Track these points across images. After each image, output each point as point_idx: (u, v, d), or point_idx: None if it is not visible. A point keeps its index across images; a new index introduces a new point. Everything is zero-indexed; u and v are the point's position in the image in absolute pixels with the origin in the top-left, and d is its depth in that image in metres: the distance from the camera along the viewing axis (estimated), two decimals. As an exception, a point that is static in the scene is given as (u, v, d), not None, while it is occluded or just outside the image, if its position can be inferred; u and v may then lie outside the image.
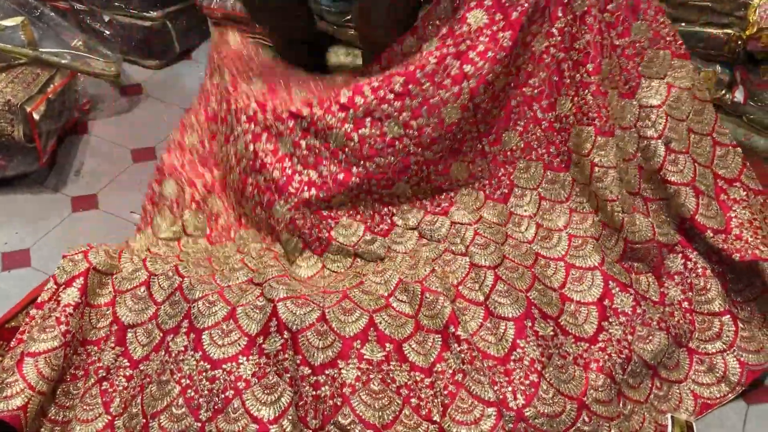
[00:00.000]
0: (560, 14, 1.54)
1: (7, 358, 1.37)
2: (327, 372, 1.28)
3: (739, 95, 1.79)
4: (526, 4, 1.49)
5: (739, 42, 1.74)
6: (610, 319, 1.42)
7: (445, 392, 1.28)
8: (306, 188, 1.55)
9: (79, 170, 2.01)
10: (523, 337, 1.35)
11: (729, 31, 1.74)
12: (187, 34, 2.51)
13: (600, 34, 1.54)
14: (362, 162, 1.53)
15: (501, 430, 1.23)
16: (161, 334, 1.37)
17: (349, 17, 1.94)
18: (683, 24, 1.78)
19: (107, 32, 2.35)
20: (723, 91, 1.78)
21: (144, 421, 1.26)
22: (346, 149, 1.54)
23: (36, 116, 1.86)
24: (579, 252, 1.51)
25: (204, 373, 1.28)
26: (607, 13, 1.57)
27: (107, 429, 1.30)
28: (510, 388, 1.29)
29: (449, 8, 1.59)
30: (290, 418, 1.23)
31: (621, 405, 1.34)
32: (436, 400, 1.28)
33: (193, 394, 1.27)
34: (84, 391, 1.34)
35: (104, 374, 1.36)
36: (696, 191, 1.54)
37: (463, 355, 1.31)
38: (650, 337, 1.42)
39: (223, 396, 1.25)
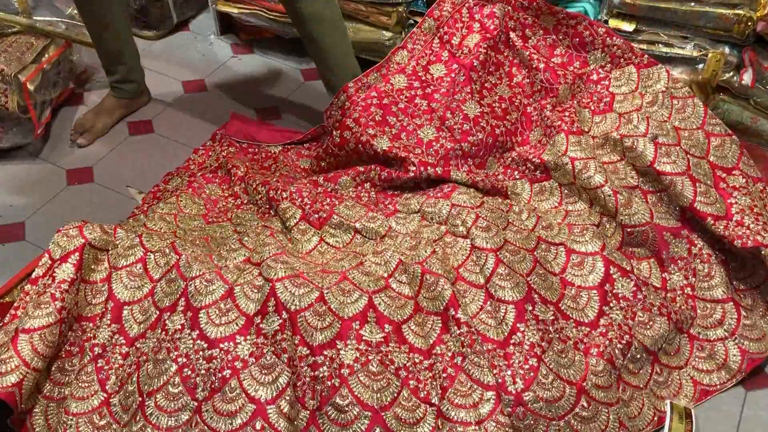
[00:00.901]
0: (515, 71, 1.82)
1: (1, 334, 1.35)
2: (325, 353, 1.27)
3: (747, 78, 1.76)
4: (478, 55, 1.74)
5: (749, 23, 1.71)
6: (611, 304, 1.41)
7: (444, 375, 1.27)
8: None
9: (74, 142, 1.98)
10: (523, 321, 1.34)
11: (739, 11, 1.71)
12: (185, 5, 2.46)
13: (552, 71, 1.81)
14: None
15: (500, 414, 1.23)
16: (157, 312, 1.36)
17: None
18: (692, 3, 1.75)
19: (103, 1, 2.30)
20: (731, 73, 1.75)
21: (140, 399, 1.25)
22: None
23: (30, 87, 1.83)
24: (579, 237, 1.49)
25: (201, 352, 1.27)
26: (555, 58, 1.83)
27: (103, 406, 1.29)
28: (509, 372, 1.28)
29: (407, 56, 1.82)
30: (288, 398, 1.22)
31: (620, 390, 1.33)
32: (434, 383, 1.27)
33: (189, 372, 1.26)
34: (79, 368, 1.33)
35: (100, 351, 1.34)
36: (692, 179, 1.52)
37: (462, 338, 1.30)
38: (651, 323, 1.41)
39: (220, 375, 1.24)
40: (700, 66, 1.82)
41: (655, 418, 1.34)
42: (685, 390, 1.41)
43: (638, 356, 1.38)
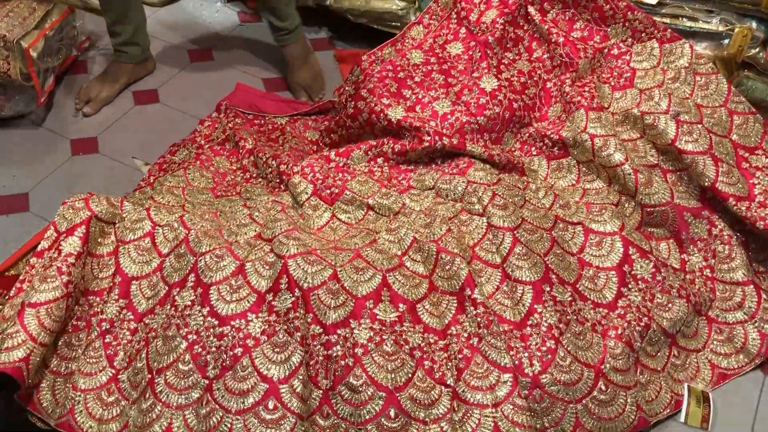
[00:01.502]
0: (535, 46, 1.76)
1: (6, 308, 1.32)
2: (339, 332, 1.24)
3: (773, 54, 1.71)
4: (494, 32, 1.71)
5: (778, -3, 1.65)
6: (630, 285, 1.38)
7: (460, 356, 1.25)
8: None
9: (79, 111, 1.94)
10: (541, 302, 1.31)
11: (768, -15, 1.65)
12: (192, -29, 2.39)
13: (571, 45, 1.75)
14: None
15: (517, 396, 1.20)
16: (166, 288, 1.33)
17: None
18: (719, -25, 1.69)
19: (107, -35, 2.23)
20: (757, 49, 1.70)
21: (149, 376, 1.23)
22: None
23: (33, 53, 1.77)
24: (598, 217, 1.45)
25: (212, 329, 1.24)
26: (575, 32, 1.78)
27: (111, 382, 1.27)
28: (526, 354, 1.25)
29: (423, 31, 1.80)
30: (301, 377, 1.19)
31: (638, 374, 1.31)
32: (450, 364, 1.25)
33: (200, 350, 1.23)
34: (87, 344, 1.30)
35: (108, 327, 1.32)
36: (714, 158, 1.48)
37: (479, 319, 1.27)
38: (670, 305, 1.38)
39: (231, 353, 1.21)
40: (725, 41, 1.76)
41: (673, 402, 1.32)
42: (703, 373, 1.38)
43: (656, 339, 1.35)
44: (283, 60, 2.05)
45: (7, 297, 1.36)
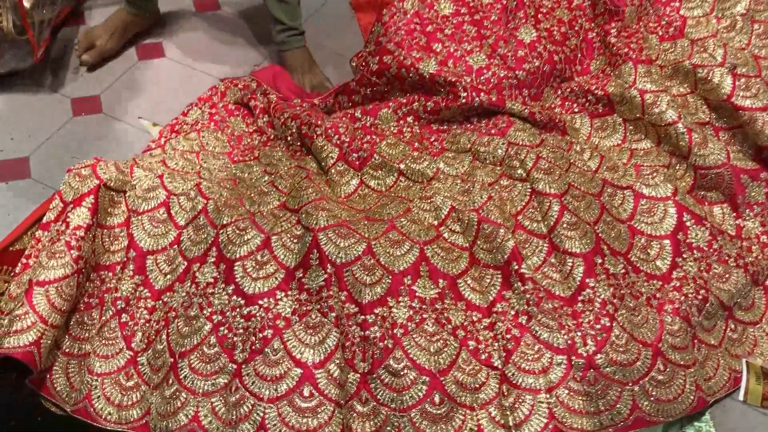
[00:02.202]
0: None
1: (13, 285, 1.23)
2: (376, 311, 1.14)
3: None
4: None
5: None
6: (684, 255, 1.28)
7: (508, 336, 1.15)
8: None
9: (78, 67, 1.79)
10: (593, 275, 1.21)
11: None
12: None
13: None
14: None
15: (572, 380, 1.11)
16: (185, 263, 1.22)
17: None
18: None
19: None
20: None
21: (172, 360, 1.14)
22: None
23: (26, 3, 1.63)
24: (649, 180, 1.34)
25: (238, 309, 1.14)
26: None
27: (130, 365, 1.18)
28: (579, 333, 1.15)
29: None
30: (337, 362, 1.10)
31: (695, 350, 1.22)
32: (496, 344, 1.15)
33: (226, 332, 1.14)
34: (101, 324, 1.21)
35: (123, 306, 1.22)
36: None
37: (528, 296, 1.17)
38: (727, 276, 1.28)
39: (261, 335, 1.12)
40: (785, -15, 1.62)
41: (731, 379, 1.23)
42: (762, 347, 1.29)
43: (713, 312, 1.26)
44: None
45: (12, 274, 1.26)
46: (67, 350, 1.19)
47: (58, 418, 1.17)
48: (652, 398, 1.13)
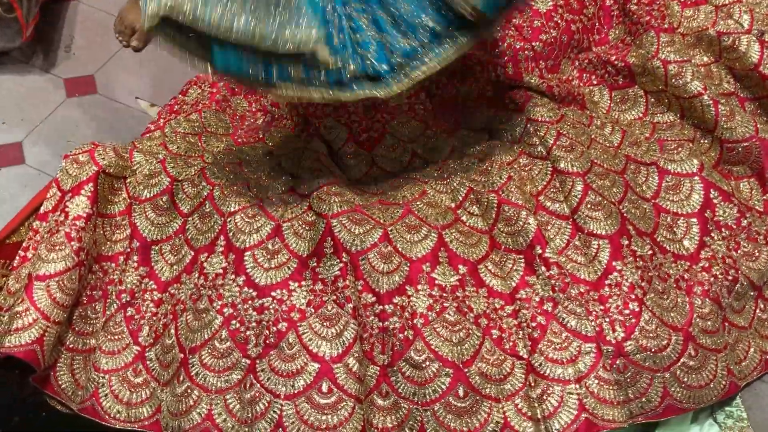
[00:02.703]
0: None
1: (11, 280, 1.17)
2: (395, 300, 1.09)
3: None
4: None
5: None
6: (712, 234, 1.22)
7: (533, 324, 1.10)
8: None
9: (70, 45, 1.71)
10: (620, 258, 1.15)
11: None
12: None
13: None
14: None
15: (601, 368, 1.07)
16: (192, 253, 1.17)
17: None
18: None
19: None
20: None
21: (182, 356, 1.09)
22: None
23: (13, -21, 1.54)
24: (674, 156, 1.28)
25: (250, 302, 1.09)
26: None
27: (137, 361, 1.13)
28: (607, 319, 1.10)
29: None
30: (356, 355, 1.05)
31: (726, 333, 1.17)
32: (521, 332, 1.10)
33: (238, 325, 1.08)
34: (106, 318, 1.15)
35: (128, 299, 1.16)
36: None
37: (553, 282, 1.12)
38: (756, 253, 1.23)
39: (275, 329, 1.07)
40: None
41: (763, 361, 1.19)
42: (792, 328, 1.25)
43: (743, 292, 1.21)
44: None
45: (10, 267, 1.21)
46: (71, 345, 1.14)
47: (62, 416, 1.14)
48: (683, 385, 1.09)
